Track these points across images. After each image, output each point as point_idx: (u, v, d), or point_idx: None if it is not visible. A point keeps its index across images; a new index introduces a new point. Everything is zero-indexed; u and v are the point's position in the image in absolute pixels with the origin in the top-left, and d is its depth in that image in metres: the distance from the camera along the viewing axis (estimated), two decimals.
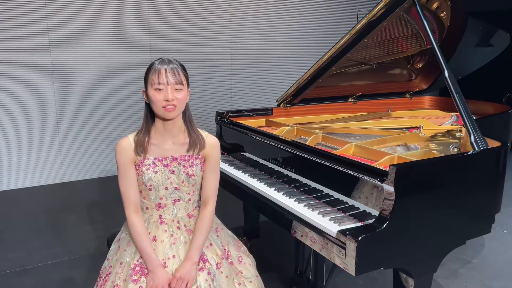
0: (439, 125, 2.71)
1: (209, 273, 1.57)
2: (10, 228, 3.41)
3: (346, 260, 1.49)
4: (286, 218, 1.81)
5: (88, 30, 4.38)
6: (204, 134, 1.68)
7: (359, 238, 1.44)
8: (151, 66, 1.55)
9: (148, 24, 4.67)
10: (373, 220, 1.57)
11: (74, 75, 4.41)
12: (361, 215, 1.66)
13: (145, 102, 1.60)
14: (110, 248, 1.72)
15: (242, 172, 2.30)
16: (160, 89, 1.51)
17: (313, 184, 1.96)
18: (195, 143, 1.62)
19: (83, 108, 4.52)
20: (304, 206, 1.79)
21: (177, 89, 1.52)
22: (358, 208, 1.72)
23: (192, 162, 1.62)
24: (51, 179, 4.50)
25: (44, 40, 4.21)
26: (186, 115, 1.63)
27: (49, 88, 4.34)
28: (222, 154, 2.49)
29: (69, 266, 2.82)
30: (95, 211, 3.76)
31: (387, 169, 1.56)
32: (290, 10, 5.49)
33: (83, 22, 4.35)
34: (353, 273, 1.47)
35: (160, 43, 4.76)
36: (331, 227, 1.59)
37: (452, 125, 2.75)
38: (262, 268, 1.96)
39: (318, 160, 1.90)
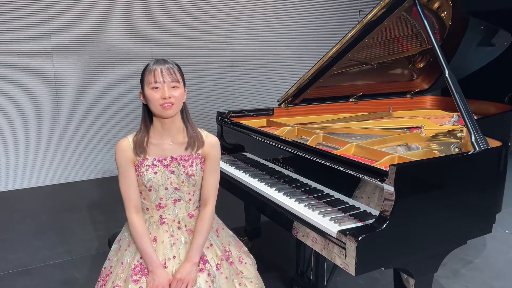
0: (440, 125, 2.70)
1: (209, 274, 1.57)
2: (12, 229, 3.42)
3: (346, 260, 1.49)
4: (287, 218, 1.82)
5: (89, 32, 4.39)
6: (204, 133, 1.68)
7: (359, 238, 1.44)
8: (146, 67, 1.56)
9: (149, 25, 4.68)
10: (374, 220, 1.57)
11: (76, 76, 4.42)
12: (362, 215, 1.66)
13: (143, 104, 1.60)
14: (111, 249, 1.72)
15: (243, 172, 2.30)
16: (156, 88, 1.51)
17: (314, 184, 1.96)
18: (193, 141, 1.62)
19: (85, 109, 4.53)
20: (305, 206, 1.79)
21: (173, 87, 1.53)
22: (358, 208, 1.72)
23: (192, 162, 1.62)
24: (53, 180, 4.52)
25: (46, 40, 4.23)
26: (184, 114, 1.64)
27: (51, 89, 4.35)
28: (223, 154, 2.50)
29: (70, 266, 2.83)
30: (96, 211, 3.77)
31: (387, 169, 1.56)
32: (292, 10, 5.49)
33: (85, 24, 4.36)
34: (353, 273, 1.47)
35: (161, 44, 4.77)
36: (332, 227, 1.59)
37: (453, 125, 2.75)
38: (263, 268, 1.97)
39: (318, 160, 1.90)
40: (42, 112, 4.35)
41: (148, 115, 1.61)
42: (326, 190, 1.90)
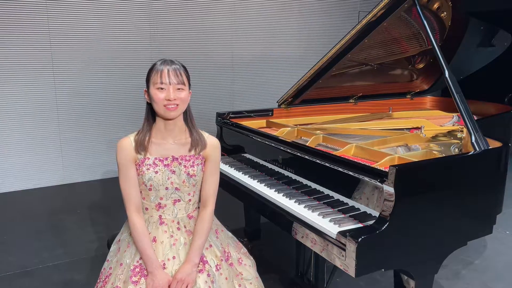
0: (441, 126, 2.70)
1: (208, 275, 1.57)
2: (11, 230, 3.41)
3: (346, 261, 1.49)
4: (287, 220, 1.81)
5: (89, 31, 4.39)
6: (205, 135, 1.68)
7: (359, 239, 1.44)
8: (153, 67, 1.56)
9: (149, 25, 4.68)
10: (374, 221, 1.57)
11: (75, 76, 4.42)
12: (361, 216, 1.65)
13: (147, 102, 1.60)
14: (110, 249, 1.72)
15: (242, 174, 2.29)
16: (162, 88, 1.51)
17: (314, 185, 1.96)
18: (196, 143, 1.63)
19: (84, 109, 4.52)
20: (304, 207, 1.78)
21: (179, 89, 1.53)
22: (358, 209, 1.71)
23: (193, 162, 1.62)
24: (52, 181, 4.51)
25: (45, 40, 4.22)
26: (187, 115, 1.64)
27: (50, 90, 4.34)
28: (222, 155, 2.49)
29: (70, 267, 2.82)
30: (96, 212, 3.76)
31: (387, 170, 1.55)
32: (292, 11, 5.49)
33: (85, 24, 4.36)
34: (353, 275, 1.47)
35: (161, 45, 4.76)
36: (331, 228, 1.59)
37: (453, 125, 2.74)
38: (263, 269, 1.96)
39: (318, 161, 1.89)
40: (41, 114, 4.34)
41: (152, 114, 1.61)
42: (326, 191, 1.89)
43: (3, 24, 4.03)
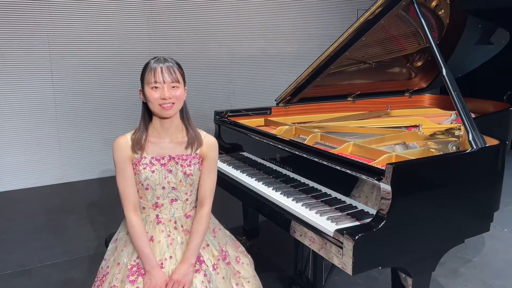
0: (439, 124, 2.70)
1: (205, 275, 1.56)
2: (10, 229, 3.41)
3: (344, 259, 1.49)
4: (285, 218, 1.81)
5: (87, 30, 4.38)
6: (202, 134, 1.68)
7: (356, 237, 1.44)
8: (146, 65, 1.55)
9: (147, 24, 4.67)
10: (371, 219, 1.57)
11: (73, 75, 4.41)
12: (359, 214, 1.65)
13: (142, 101, 1.60)
14: (108, 248, 1.72)
15: (240, 172, 2.29)
16: (156, 87, 1.51)
17: (311, 183, 1.96)
18: (193, 141, 1.62)
19: (82, 108, 4.52)
20: (302, 205, 1.78)
21: (173, 87, 1.52)
22: (355, 207, 1.71)
23: (190, 162, 1.61)
24: (50, 180, 4.50)
25: (43, 39, 4.21)
26: (184, 113, 1.63)
27: (49, 89, 4.33)
28: (220, 153, 2.49)
29: (68, 266, 2.82)
30: (94, 211, 3.76)
31: (384, 168, 1.55)
32: (290, 9, 5.48)
33: (83, 22, 4.35)
34: (350, 273, 1.47)
35: (159, 43, 4.76)
36: (329, 226, 1.59)
37: (451, 123, 2.74)
38: (262, 268, 1.96)
39: (316, 159, 1.89)
40: (39, 113, 4.34)
41: (148, 113, 1.60)
42: (324, 189, 1.89)
43: (2, 20, 4.02)
